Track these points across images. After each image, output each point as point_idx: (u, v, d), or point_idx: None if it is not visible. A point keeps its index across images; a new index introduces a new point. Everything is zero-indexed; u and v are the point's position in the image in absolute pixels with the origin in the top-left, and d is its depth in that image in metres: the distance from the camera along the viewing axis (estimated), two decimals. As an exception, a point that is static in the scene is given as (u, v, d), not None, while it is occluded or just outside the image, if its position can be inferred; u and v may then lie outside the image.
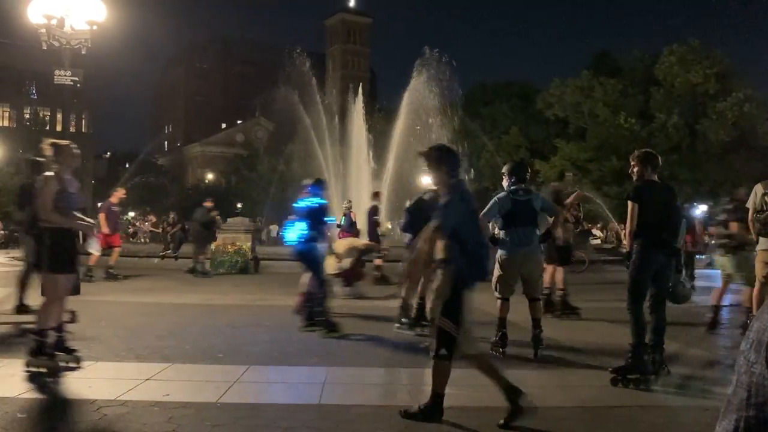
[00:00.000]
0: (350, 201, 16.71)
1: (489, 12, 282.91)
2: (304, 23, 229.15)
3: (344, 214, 15.72)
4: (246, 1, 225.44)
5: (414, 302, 8.09)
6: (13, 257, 17.95)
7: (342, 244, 12.29)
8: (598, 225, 34.77)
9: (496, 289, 6.85)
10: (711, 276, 18.14)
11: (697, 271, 17.51)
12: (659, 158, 6.05)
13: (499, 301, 6.82)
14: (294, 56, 31.35)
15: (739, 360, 1.17)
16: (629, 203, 5.74)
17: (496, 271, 6.84)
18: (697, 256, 17.60)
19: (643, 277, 5.71)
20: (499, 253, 6.86)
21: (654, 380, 5.45)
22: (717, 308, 8.92)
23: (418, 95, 26.87)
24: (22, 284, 8.54)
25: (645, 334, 5.61)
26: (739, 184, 35.42)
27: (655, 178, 5.94)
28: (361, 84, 43.68)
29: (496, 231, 6.93)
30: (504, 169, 7.17)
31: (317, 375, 5.74)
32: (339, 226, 15.33)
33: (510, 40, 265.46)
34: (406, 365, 6.31)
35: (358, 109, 29.31)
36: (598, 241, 25.63)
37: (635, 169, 5.96)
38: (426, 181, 37.31)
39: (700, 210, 30.14)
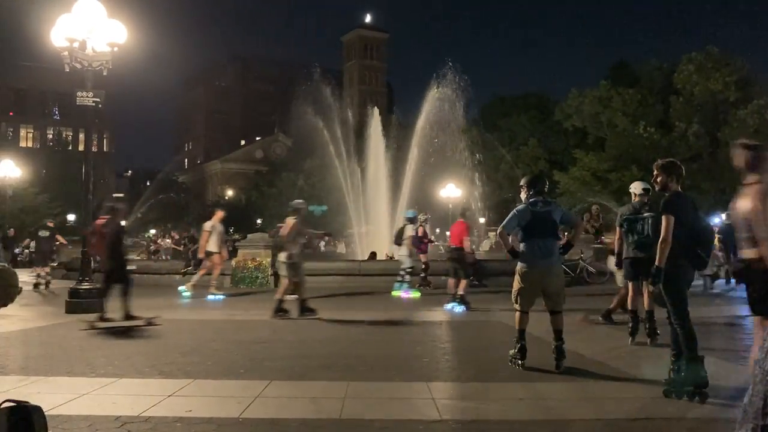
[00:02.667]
0: (427, 215, 18.56)
1: (505, 25, 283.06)
2: (321, 40, 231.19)
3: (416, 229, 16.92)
4: (263, 20, 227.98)
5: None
6: (38, 274, 18.16)
7: None
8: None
9: (516, 302, 6.79)
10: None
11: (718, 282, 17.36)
12: (683, 167, 5.95)
13: (518, 314, 6.78)
14: (311, 73, 31.60)
15: (754, 370, 1.17)
16: (664, 216, 5.53)
17: (516, 284, 6.80)
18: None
19: (684, 290, 5.64)
20: (519, 265, 6.82)
21: (707, 393, 5.34)
22: None
23: (436, 109, 26.88)
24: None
25: (697, 346, 5.50)
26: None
27: (679, 188, 5.84)
28: (377, 99, 43.85)
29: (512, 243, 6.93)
30: (522, 182, 7.15)
31: (338, 389, 5.75)
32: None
33: (527, 52, 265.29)
34: (428, 379, 6.29)
35: (375, 124, 29.37)
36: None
37: (659, 179, 5.83)
38: (445, 194, 37.27)
39: (721, 219, 29.63)
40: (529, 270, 6.71)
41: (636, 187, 8.87)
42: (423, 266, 16.99)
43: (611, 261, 10.63)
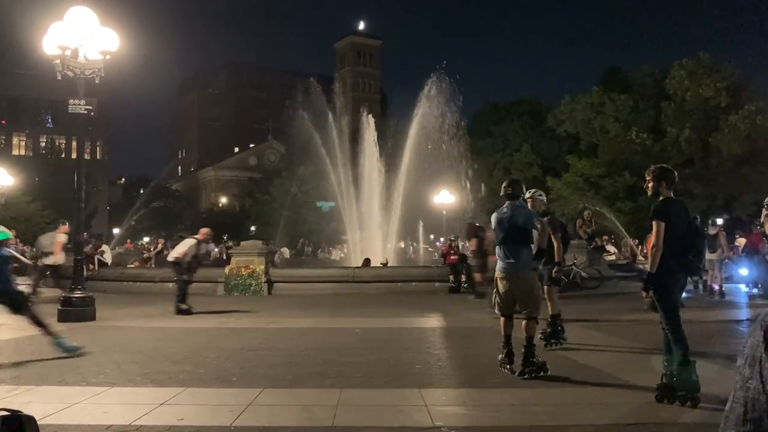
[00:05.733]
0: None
1: (497, 31, 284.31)
2: (315, 47, 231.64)
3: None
4: (257, 27, 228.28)
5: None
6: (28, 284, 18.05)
7: None
8: (611, 240, 34.41)
9: (495, 307, 6.90)
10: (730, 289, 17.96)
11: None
12: (675, 173, 5.97)
13: (500, 319, 6.86)
14: (305, 79, 31.64)
15: (735, 376, 1.18)
16: (655, 222, 5.55)
17: (496, 288, 6.93)
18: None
19: (676, 296, 5.66)
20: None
21: (699, 398, 5.35)
22: None
23: (428, 116, 26.92)
24: None
25: (688, 351, 5.52)
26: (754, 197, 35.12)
27: (671, 194, 5.85)
28: (371, 106, 43.93)
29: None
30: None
31: (331, 397, 5.74)
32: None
33: (519, 58, 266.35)
34: (420, 386, 6.29)
35: (369, 131, 29.40)
36: (613, 257, 25.44)
37: (650, 185, 5.84)
38: (439, 200, 37.28)
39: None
40: (498, 275, 6.86)
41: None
42: None
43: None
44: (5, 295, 8.00)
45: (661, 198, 5.76)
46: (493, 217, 6.94)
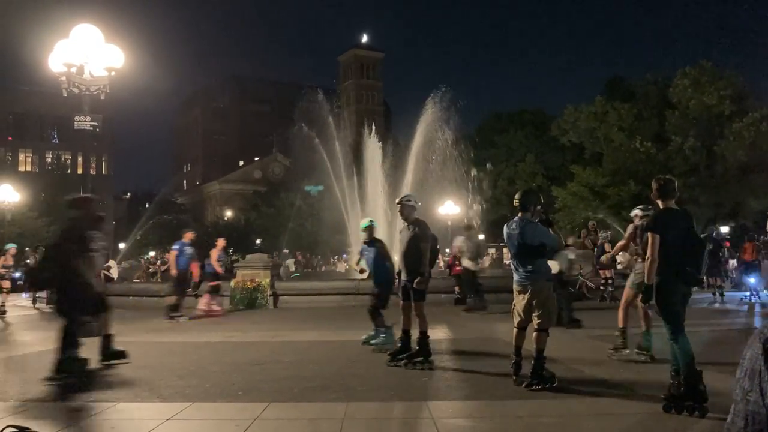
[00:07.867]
0: (607, 231, 19.14)
1: (499, 42, 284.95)
2: (318, 60, 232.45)
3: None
4: (260, 41, 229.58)
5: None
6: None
7: None
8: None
9: (513, 318, 6.95)
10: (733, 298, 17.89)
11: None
12: (675, 183, 5.99)
13: (514, 330, 6.87)
14: (308, 93, 31.79)
15: (735, 388, 1.19)
16: (649, 234, 5.61)
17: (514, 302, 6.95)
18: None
19: (677, 306, 5.65)
20: None
21: (706, 407, 5.33)
22: None
23: (432, 127, 26.96)
24: None
25: (694, 361, 5.51)
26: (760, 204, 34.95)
27: (672, 204, 5.87)
28: (375, 118, 44.02)
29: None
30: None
31: (337, 410, 5.73)
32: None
33: (521, 68, 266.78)
34: (427, 398, 6.27)
35: (372, 143, 29.48)
36: (619, 266, 25.33)
37: (653, 195, 5.97)
38: (444, 211, 37.32)
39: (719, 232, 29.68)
40: (516, 288, 6.90)
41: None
42: (604, 281, 18.06)
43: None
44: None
45: (660, 208, 5.80)
46: (505, 232, 6.99)
